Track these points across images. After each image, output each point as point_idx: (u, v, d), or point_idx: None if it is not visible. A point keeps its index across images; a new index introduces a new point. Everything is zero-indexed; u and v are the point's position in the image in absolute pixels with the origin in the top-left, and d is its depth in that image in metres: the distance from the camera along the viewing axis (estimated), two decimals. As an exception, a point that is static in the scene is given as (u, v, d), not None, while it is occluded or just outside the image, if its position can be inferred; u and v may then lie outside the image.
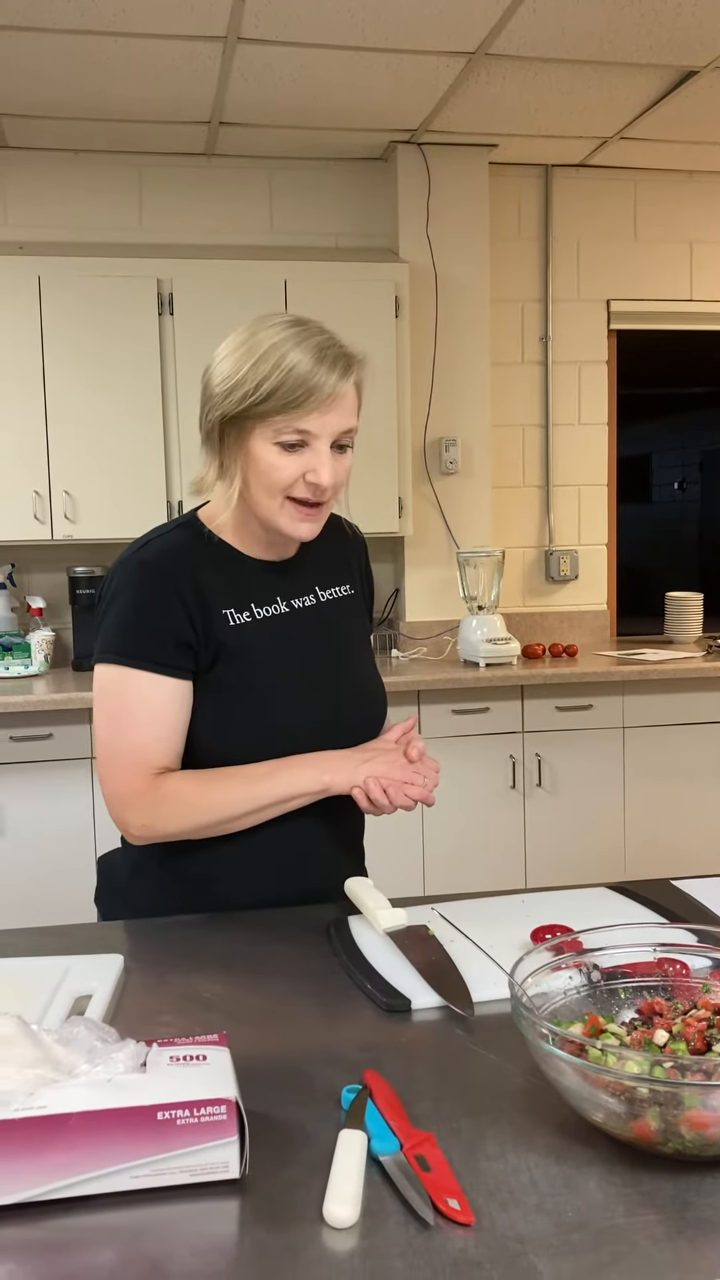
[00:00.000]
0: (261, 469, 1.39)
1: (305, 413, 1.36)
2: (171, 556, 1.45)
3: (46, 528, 3.71)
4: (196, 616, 1.43)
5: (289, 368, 1.34)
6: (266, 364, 1.35)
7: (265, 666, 1.47)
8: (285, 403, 1.35)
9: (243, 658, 1.46)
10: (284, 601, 1.52)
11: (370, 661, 1.64)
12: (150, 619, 1.42)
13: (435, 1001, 1.17)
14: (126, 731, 1.42)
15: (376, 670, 1.65)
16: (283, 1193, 0.85)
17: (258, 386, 1.35)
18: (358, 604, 1.64)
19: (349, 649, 1.60)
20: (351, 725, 1.52)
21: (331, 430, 1.39)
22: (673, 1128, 0.86)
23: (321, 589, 1.58)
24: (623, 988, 1.07)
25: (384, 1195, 0.85)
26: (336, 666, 1.56)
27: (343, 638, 1.59)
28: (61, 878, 3.48)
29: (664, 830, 3.88)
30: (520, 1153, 0.91)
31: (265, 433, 1.38)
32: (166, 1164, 0.85)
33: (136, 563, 1.45)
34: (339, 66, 3.40)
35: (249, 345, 1.38)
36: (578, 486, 4.55)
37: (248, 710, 1.46)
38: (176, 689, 1.43)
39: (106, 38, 3.16)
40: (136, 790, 1.42)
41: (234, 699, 1.45)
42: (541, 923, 1.32)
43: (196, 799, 1.43)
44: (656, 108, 3.78)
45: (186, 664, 1.43)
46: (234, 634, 1.46)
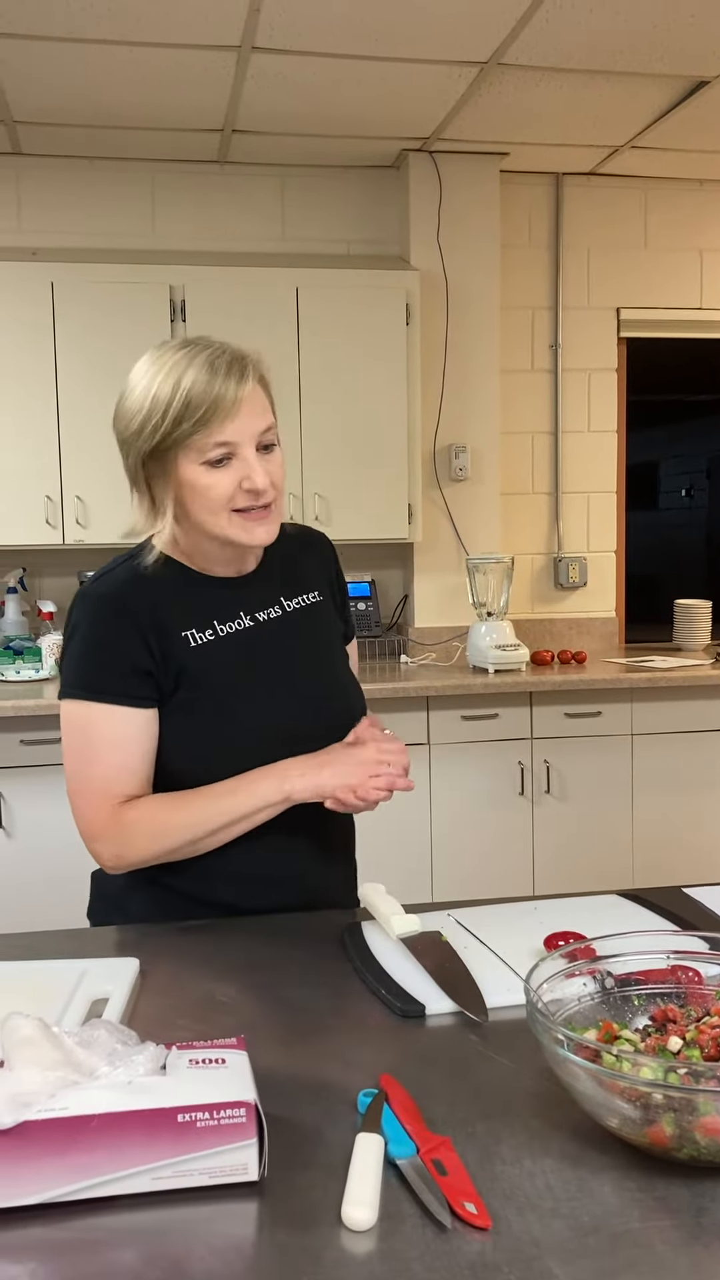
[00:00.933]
0: (198, 492, 1.39)
1: (219, 424, 1.36)
2: (126, 587, 1.45)
3: (58, 532, 3.73)
4: (154, 644, 1.43)
5: (187, 388, 1.35)
6: (165, 391, 1.35)
7: (232, 683, 1.47)
8: (195, 421, 1.35)
9: (207, 677, 1.46)
10: (248, 615, 1.52)
11: (344, 666, 1.64)
12: (108, 652, 1.43)
13: (450, 1007, 1.18)
14: (91, 764, 1.43)
15: (352, 675, 1.65)
16: (301, 1195, 0.86)
17: (165, 414, 1.35)
18: (328, 610, 1.64)
19: (321, 656, 1.59)
20: (327, 732, 1.51)
21: (250, 433, 1.39)
22: (687, 1133, 0.86)
23: (287, 599, 1.57)
24: (636, 994, 1.08)
25: (401, 1198, 0.86)
26: (309, 675, 1.55)
27: (314, 646, 1.58)
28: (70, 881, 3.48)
29: (672, 837, 3.88)
30: (535, 1157, 0.92)
31: (189, 456, 1.38)
32: (187, 1166, 0.86)
33: (92, 596, 1.45)
34: (351, 75, 3.42)
35: (141, 380, 1.39)
36: (587, 493, 4.56)
37: (217, 727, 1.46)
38: (139, 718, 1.43)
39: (122, 47, 3.18)
40: (103, 822, 1.44)
41: (203, 718, 1.46)
42: (554, 929, 1.33)
43: (161, 823, 1.43)
44: (667, 117, 3.80)
45: (148, 692, 1.44)
46: (196, 655, 1.46)
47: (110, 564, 1.51)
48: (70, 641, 1.46)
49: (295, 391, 3.85)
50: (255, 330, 3.82)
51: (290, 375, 3.85)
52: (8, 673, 3.78)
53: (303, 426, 3.86)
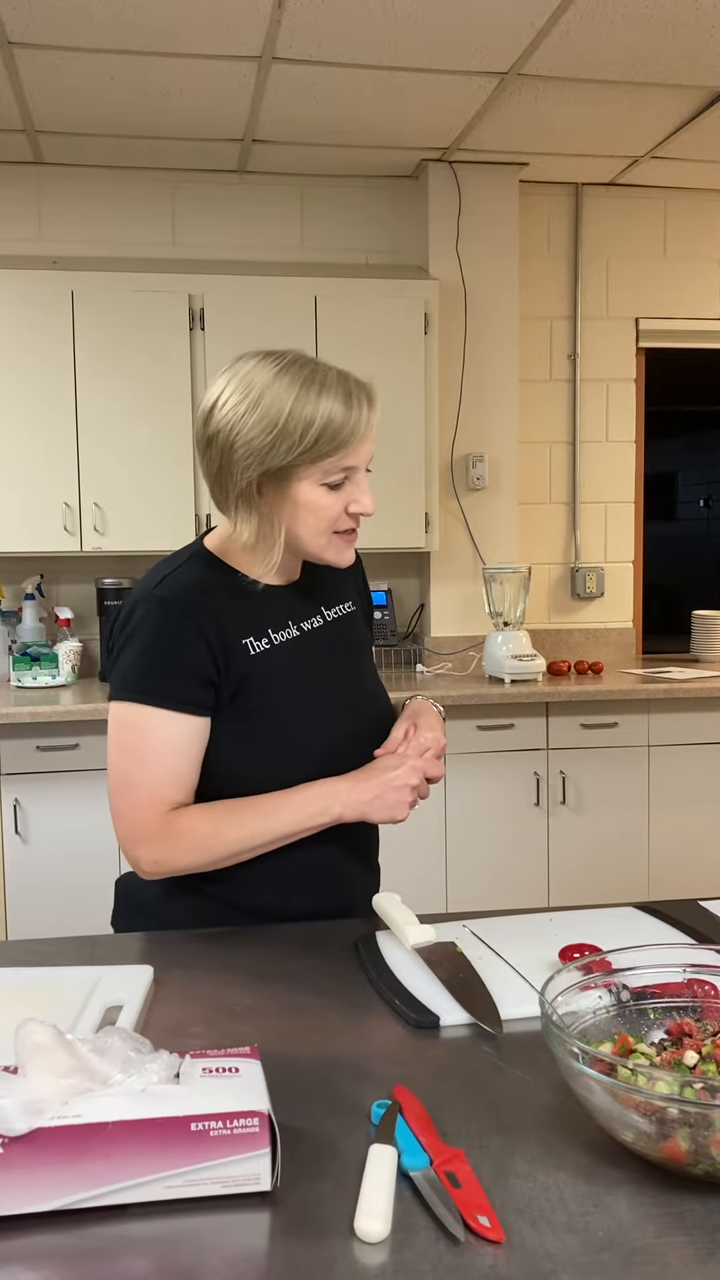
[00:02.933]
0: (312, 511, 1.43)
1: (350, 449, 1.41)
2: (191, 592, 1.45)
3: (75, 539, 3.75)
4: (219, 653, 1.44)
5: (327, 414, 1.38)
6: (304, 413, 1.37)
7: (286, 692, 1.49)
8: (333, 445, 1.39)
9: (264, 685, 1.48)
10: (295, 625, 1.54)
11: (374, 673, 1.68)
12: (171, 657, 1.43)
13: (464, 1019, 1.17)
14: (143, 769, 1.43)
15: (382, 683, 1.68)
16: (314, 1206, 0.86)
17: (303, 436, 1.37)
18: (359, 619, 1.67)
19: (357, 665, 1.63)
20: (367, 738, 1.54)
21: (368, 459, 1.45)
22: (703, 1149, 0.86)
23: (327, 609, 1.60)
24: (652, 1008, 1.07)
25: (414, 1211, 0.86)
26: (349, 684, 1.59)
27: (350, 655, 1.62)
28: (86, 887, 3.49)
29: (688, 849, 3.86)
30: (549, 1171, 0.91)
31: (313, 476, 1.41)
32: (199, 1175, 0.85)
33: (156, 600, 1.44)
34: (371, 86, 3.43)
35: (269, 400, 1.38)
36: (604, 504, 4.55)
37: (269, 735, 1.47)
38: (195, 726, 1.44)
39: (143, 57, 3.20)
40: (151, 827, 1.43)
41: (256, 725, 1.47)
42: (570, 941, 1.32)
43: (208, 834, 1.43)
44: (688, 127, 3.80)
45: (207, 700, 1.44)
46: (255, 663, 1.47)
47: (165, 565, 1.50)
48: (130, 643, 1.44)
49: (313, 400, 3.86)
50: (274, 339, 3.80)
51: (308, 384, 3.85)
52: (25, 679, 3.79)
53: (320, 435, 3.86)
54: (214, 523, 3.85)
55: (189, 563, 1.49)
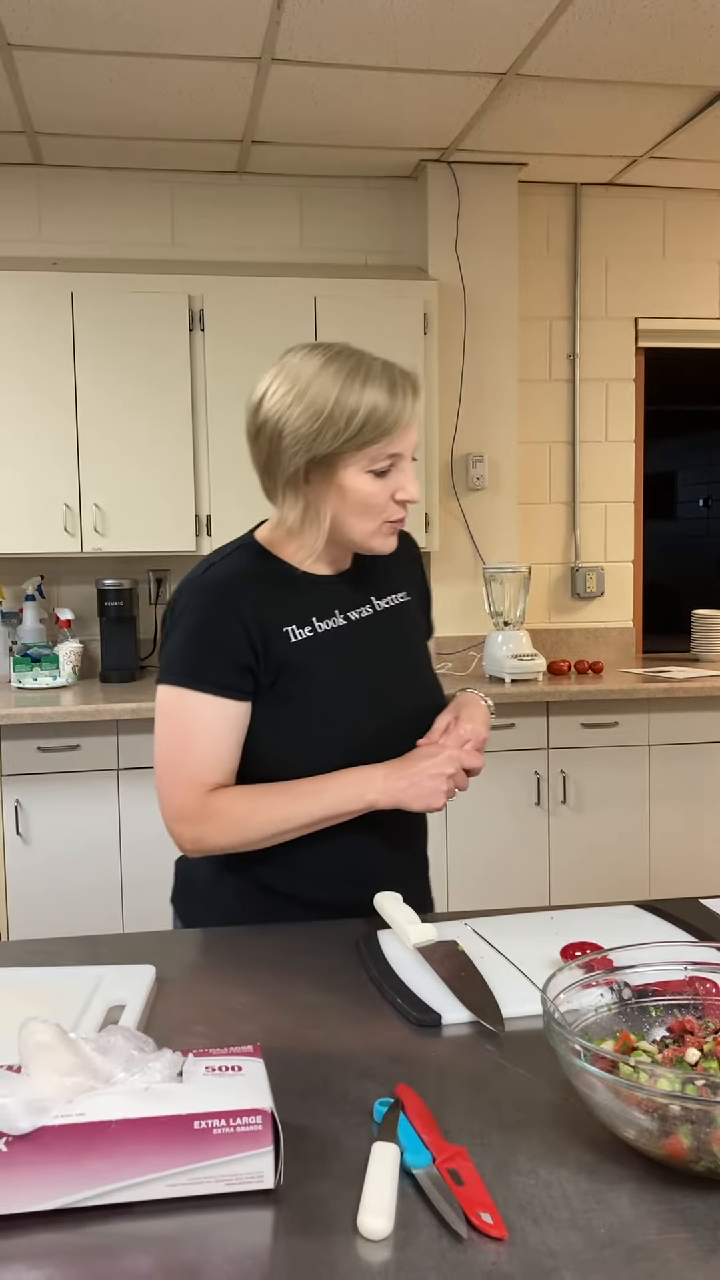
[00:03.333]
0: (359, 498, 1.46)
1: (396, 436, 1.44)
2: (234, 579, 1.50)
3: (76, 540, 3.75)
4: (258, 639, 1.48)
5: (373, 401, 1.41)
6: (350, 400, 1.41)
7: (326, 680, 1.51)
8: (378, 432, 1.42)
9: (304, 673, 1.50)
10: (342, 614, 1.56)
11: (428, 665, 1.68)
12: (211, 643, 1.47)
13: (465, 1017, 1.18)
14: (185, 751, 1.48)
15: (434, 674, 1.68)
16: (317, 1203, 0.86)
17: (348, 423, 1.41)
18: (414, 610, 1.68)
19: (407, 656, 1.64)
20: (411, 729, 1.55)
21: (413, 447, 1.48)
22: (705, 1146, 0.86)
23: (377, 598, 1.61)
24: (653, 1006, 1.08)
25: (417, 1208, 0.86)
26: (396, 674, 1.59)
27: (400, 645, 1.63)
28: (87, 888, 3.50)
29: (689, 848, 3.86)
30: (552, 1168, 0.91)
31: (360, 463, 1.44)
32: (203, 1173, 0.86)
33: (198, 587, 1.50)
34: (370, 86, 3.44)
35: (316, 389, 1.42)
36: (604, 503, 4.56)
37: (309, 722, 1.49)
38: (235, 710, 1.47)
39: (142, 59, 3.21)
40: (190, 806, 1.48)
41: (296, 712, 1.50)
42: (571, 940, 1.33)
43: (244, 815, 1.46)
44: (686, 127, 3.80)
45: (245, 686, 1.48)
46: (295, 650, 1.50)
47: (215, 554, 1.56)
48: (176, 628, 1.50)
49: (313, 401, 3.86)
50: (273, 340, 3.81)
51: (308, 385, 3.86)
52: (25, 680, 3.79)
53: (320, 436, 3.86)
54: (214, 524, 3.87)
55: (236, 553, 1.55)
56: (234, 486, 3.84)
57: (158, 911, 3.55)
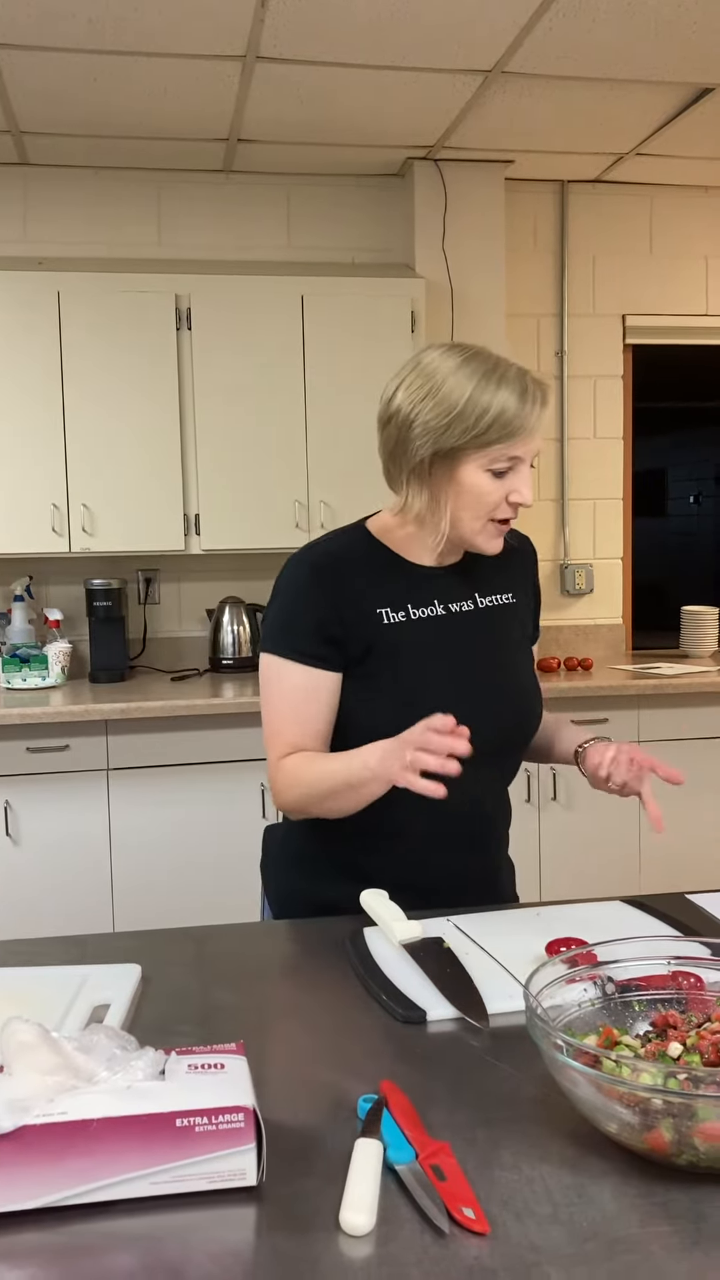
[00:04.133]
0: (473, 495, 1.50)
1: (519, 440, 1.48)
2: (331, 558, 1.57)
3: (64, 540, 3.74)
4: (347, 615, 1.53)
5: (504, 403, 1.45)
6: (482, 400, 1.45)
7: (416, 663, 1.55)
8: (504, 433, 1.46)
9: (394, 654, 1.54)
10: (441, 605, 1.59)
11: (527, 669, 1.69)
12: (299, 614, 1.54)
13: (450, 1013, 1.18)
14: (271, 711, 1.57)
15: (534, 677, 1.69)
16: (299, 1200, 0.86)
17: (478, 420, 1.45)
18: (520, 612, 1.69)
19: (506, 654, 1.65)
20: (502, 728, 1.58)
21: (534, 452, 1.52)
22: (687, 1139, 0.86)
23: (481, 595, 1.64)
24: (637, 1000, 1.08)
25: (399, 1204, 0.86)
26: (491, 670, 1.61)
27: (499, 643, 1.64)
28: (76, 889, 3.50)
29: (679, 844, 3.87)
30: (534, 1163, 0.91)
31: (480, 461, 1.48)
32: (185, 1170, 0.86)
33: (299, 560, 1.58)
34: (356, 84, 3.43)
35: (449, 386, 1.46)
36: (593, 500, 4.56)
37: (395, 703, 1.52)
38: (318, 678, 1.53)
39: (127, 57, 3.20)
40: (273, 764, 1.56)
41: (383, 691, 1.53)
42: (557, 935, 1.33)
43: (296, 774, 1.52)
44: (672, 124, 3.80)
45: (331, 656, 1.53)
46: (386, 631, 1.54)
47: (324, 536, 1.63)
48: (273, 600, 1.58)
49: (301, 399, 3.86)
50: (261, 338, 3.83)
51: (296, 383, 3.86)
52: (14, 680, 3.78)
53: (308, 434, 3.87)
54: (203, 523, 3.87)
55: (340, 534, 1.62)
56: (223, 486, 3.83)
57: (148, 911, 3.55)
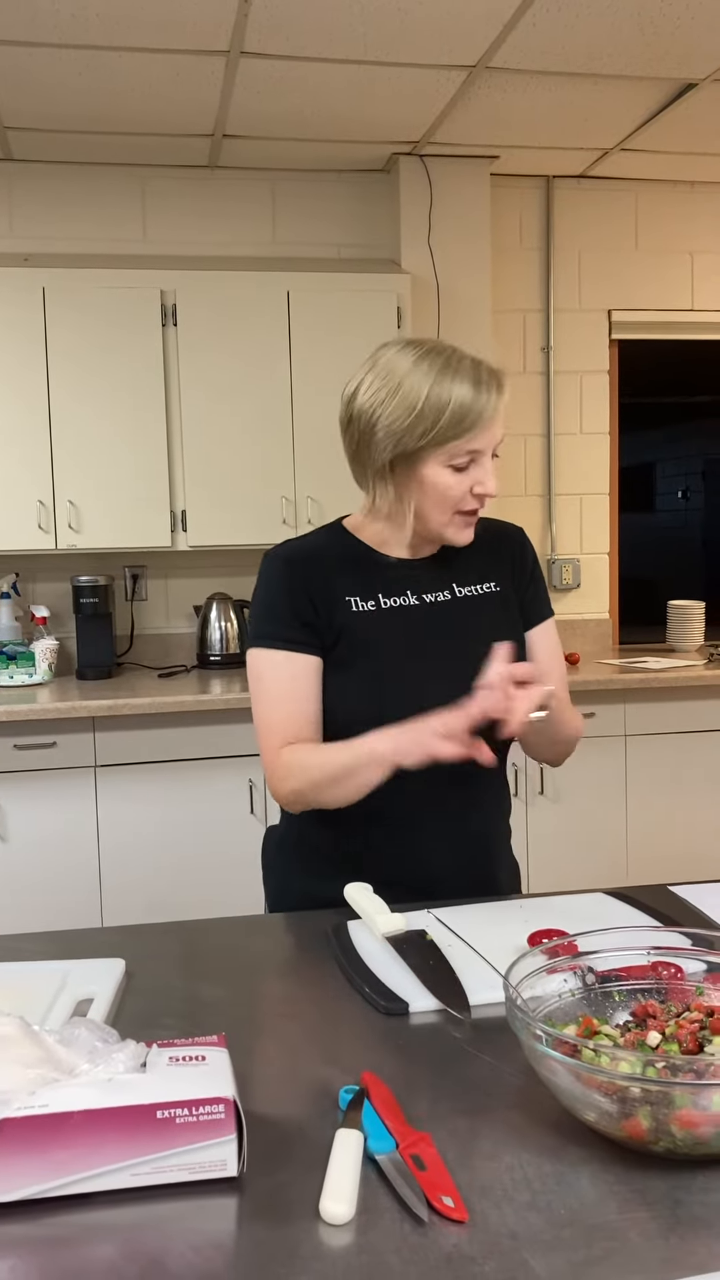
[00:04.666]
0: (438, 491, 1.51)
1: (477, 433, 1.47)
2: (301, 551, 1.60)
3: (50, 537, 3.74)
4: (320, 602, 1.55)
5: (459, 398, 1.45)
6: (439, 398, 1.45)
7: (387, 651, 1.55)
8: (459, 429, 1.46)
9: (364, 642, 1.56)
10: (414, 595, 1.60)
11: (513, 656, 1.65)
12: (276, 603, 1.56)
13: (432, 1005, 1.18)
14: (261, 704, 1.58)
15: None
16: (280, 1190, 0.87)
17: (436, 421, 1.45)
18: (504, 602, 1.67)
19: (482, 645, 1.59)
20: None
21: (494, 443, 1.52)
22: (664, 1127, 0.87)
23: (460, 586, 1.64)
24: (617, 990, 1.09)
25: (379, 1193, 0.86)
26: (467, 659, 1.55)
27: (478, 633, 1.61)
28: (64, 886, 3.49)
29: (666, 838, 3.88)
30: (514, 1151, 0.92)
31: (439, 458, 1.49)
32: (165, 1162, 0.86)
33: (270, 557, 1.60)
34: (341, 79, 3.43)
35: (408, 385, 1.46)
36: (580, 495, 4.57)
37: (369, 691, 1.53)
38: (300, 663, 1.54)
39: (111, 52, 3.19)
40: (268, 758, 1.57)
41: (356, 679, 1.55)
42: (539, 927, 1.33)
43: (293, 764, 1.52)
44: (656, 119, 3.81)
45: (308, 639, 1.55)
46: (356, 619, 1.56)
47: (302, 535, 1.66)
48: (253, 599, 1.62)
49: (287, 395, 3.86)
50: (246, 334, 3.83)
51: (282, 379, 3.86)
52: (1, 678, 3.78)
53: (295, 429, 3.87)
54: (190, 520, 3.86)
55: (315, 532, 1.65)
56: (210, 482, 3.83)
57: (137, 908, 3.55)
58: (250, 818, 3.53)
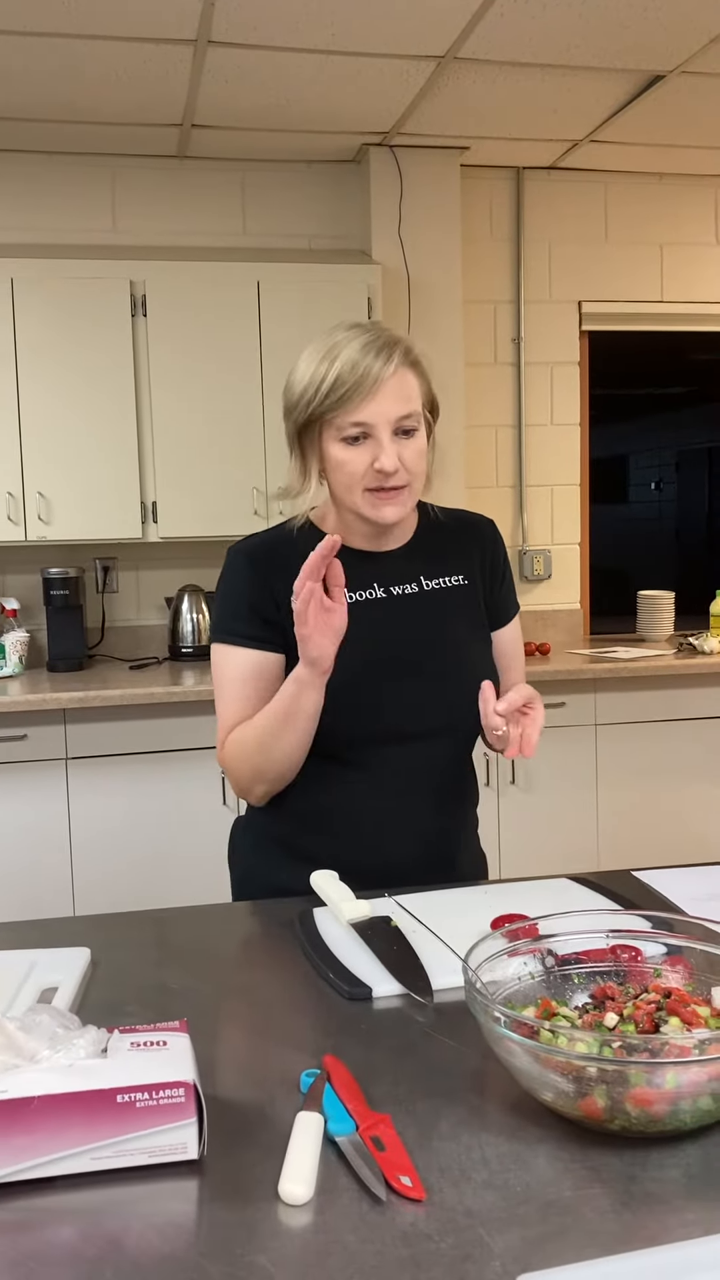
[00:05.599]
0: (336, 466, 1.50)
1: (358, 404, 1.44)
2: (262, 546, 1.59)
3: (20, 529, 3.72)
4: (283, 597, 1.51)
5: (338, 369, 1.44)
6: (321, 369, 1.46)
7: (354, 644, 1.50)
8: (339, 398, 1.44)
9: None
10: (381, 588, 1.60)
11: (480, 649, 1.66)
12: (236, 599, 1.57)
13: (396, 990, 1.19)
14: (220, 697, 1.58)
15: (486, 656, 1.67)
16: (240, 1172, 0.88)
17: (317, 389, 1.45)
18: (472, 594, 1.67)
19: (453, 634, 1.63)
20: (451, 706, 1.58)
21: (386, 418, 1.46)
22: (619, 1105, 0.88)
23: (427, 578, 1.63)
24: (576, 973, 1.10)
25: (338, 1174, 0.87)
26: (436, 650, 1.60)
27: (446, 626, 1.62)
28: (36, 878, 3.49)
29: (636, 826, 3.92)
30: (473, 1132, 0.93)
31: (330, 432, 1.48)
32: (126, 1145, 0.87)
33: (233, 552, 1.60)
34: (310, 69, 3.43)
35: (308, 357, 1.49)
36: (551, 487, 4.59)
37: (336, 684, 1.50)
38: (260, 660, 1.55)
39: (76, 40, 3.17)
40: (220, 754, 1.58)
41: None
42: (502, 913, 1.35)
43: (240, 744, 1.54)
44: (625, 111, 3.82)
45: (270, 636, 1.55)
46: None
47: (265, 529, 1.65)
48: (216, 594, 1.62)
49: (258, 385, 3.86)
50: (217, 325, 3.82)
51: (253, 370, 3.85)
52: (-29, 670, 3.76)
53: (265, 421, 3.86)
54: (160, 512, 3.85)
55: (279, 525, 1.63)
56: (180, 473, 3.82)
57: (109, 900, 3.54)
58: (222, 809, 3.53)
